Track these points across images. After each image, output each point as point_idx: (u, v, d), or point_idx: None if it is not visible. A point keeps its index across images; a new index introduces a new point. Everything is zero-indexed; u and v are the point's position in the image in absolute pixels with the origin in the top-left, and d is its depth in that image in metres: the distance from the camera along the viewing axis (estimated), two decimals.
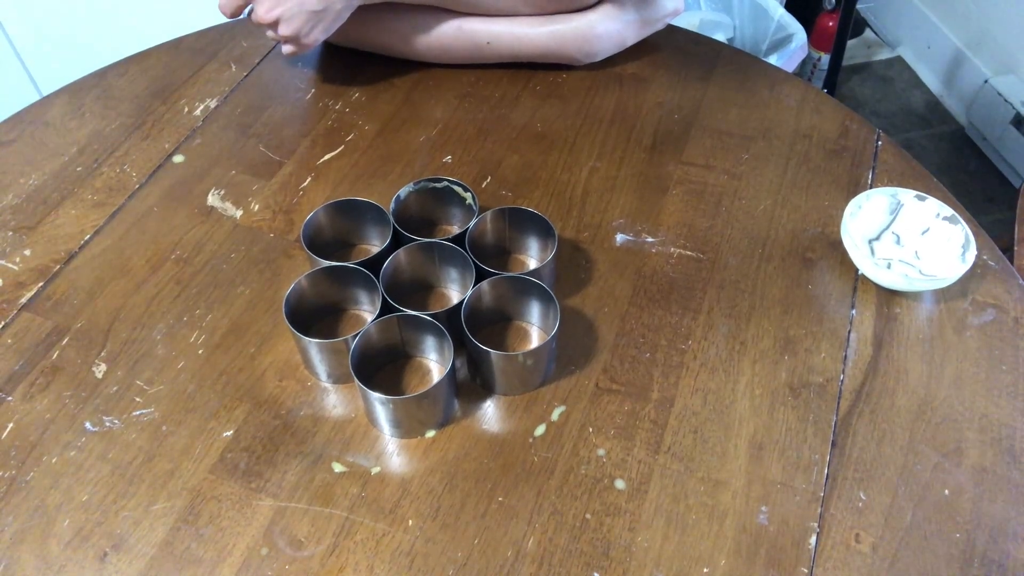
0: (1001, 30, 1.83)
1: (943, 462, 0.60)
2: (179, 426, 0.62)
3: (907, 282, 0.67)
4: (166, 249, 0.73)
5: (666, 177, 0.79)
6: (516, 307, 0.67)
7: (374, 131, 0.84)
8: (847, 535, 0.57)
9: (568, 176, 0.80)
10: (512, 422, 0.62)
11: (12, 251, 0.73)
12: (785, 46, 1.71)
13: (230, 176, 0.80)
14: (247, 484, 0.59)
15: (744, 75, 0.90)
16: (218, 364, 0.65)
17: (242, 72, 0.90)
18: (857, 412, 0.63)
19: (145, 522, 0.57)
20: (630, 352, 0.66)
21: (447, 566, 0.55)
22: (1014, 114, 1.76)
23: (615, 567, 0.55)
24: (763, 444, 0.61)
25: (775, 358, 0.66)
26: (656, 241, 0.74)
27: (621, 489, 0.59)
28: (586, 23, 0.85)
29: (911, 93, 2.05)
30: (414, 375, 0.65)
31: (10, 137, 0.83)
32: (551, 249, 0.67)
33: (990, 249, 0.73)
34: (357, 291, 0.67)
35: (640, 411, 0.63)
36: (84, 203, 0.77)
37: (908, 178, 0.79)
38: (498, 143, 0.83)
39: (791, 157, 0.81)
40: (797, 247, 0.73)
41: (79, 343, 0.67)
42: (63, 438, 0.61)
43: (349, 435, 0.62)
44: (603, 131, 0.84)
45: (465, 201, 0.72)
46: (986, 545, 0.56)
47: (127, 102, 0.87)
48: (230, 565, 0.55)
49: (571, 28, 0.86)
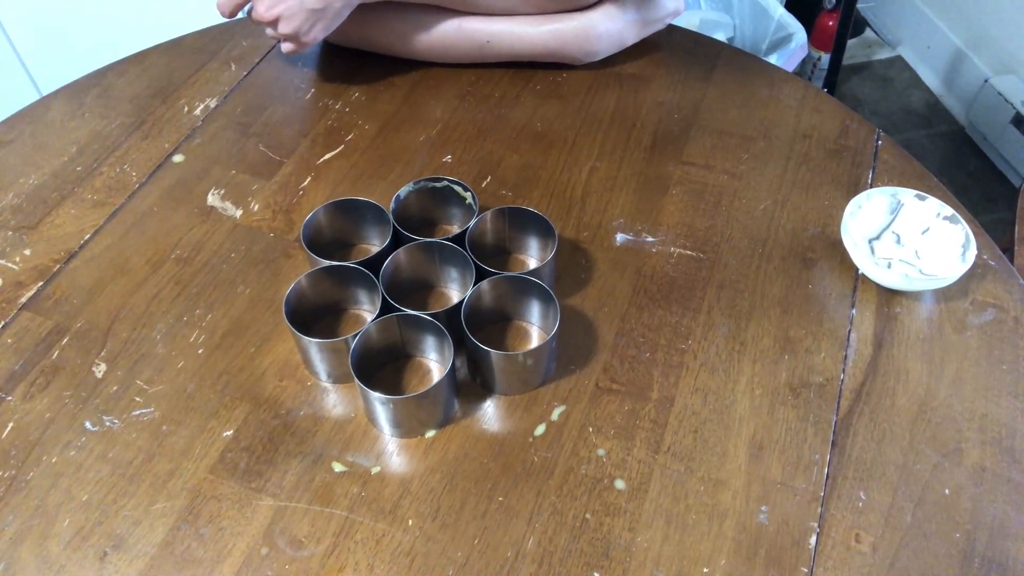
0: (1001, 30, 1.83)
1: (943, 462, 0.60)
2: (179, 426, 0.62)
3: (907, 282, 0.67)
4: (166, 249, 0.73)
5: (666, 177, 0.79)
6: (516, 307, 0.67)
7: (374, 131, 0.84)
8: (847, 535, 0.57)
9: (568, 176, 0.80)
10: (512, 422, 0.62)
11: (12, 251, 0.73)
12: (785, 45, 1.71)
13: (230, 176, 0.80)
14: (247, 484, 0.59)
15: (744, 75, 0.90)
16: (218, 364, 0.65)
17: (242, 72, 0.90)
18: (857, 412, 0.63)
19: (145, 522, 0.57)
20: (630, 352, 0.66)
21: (447, 566, 0.55)
22: (1014, 114, 1.76)
23: (615, 567, 0.55)
24: (763, 444, 0.61)
25: (775, 358, 0.66)
26: (656, 241, 0.74)
27: (621, 489, 0.59)
28: (587, 22, 0.85)
29: (911, 93, 2.05)
30: (414, 375, 0.65)
31: (10, 137, 0.83)
32: (551, 249, 0.67)
33: (990, 249, 0.73)
34: (357, 291, 0.67)
35: (640, 411, 0.63)
36: (84, 203, 0.77)
37: (908, 178, 0.79)
38: (498, 143, 0.83)
39: (791, 157, 0.81)
40: (797, 247, 0.73)
41: (79, 343, 0.67)
42: (63, 438, 0.61)
43: (349, 435, 0.62)
44: (603, 131, 0.84)
45: (465, 201, 0.72)
46: (986, 545, 0.56)
47: (127, 102, 0.87)
48: (230, 565, 0.55)
49: (571, 27, 0.86)
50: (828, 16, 1.89)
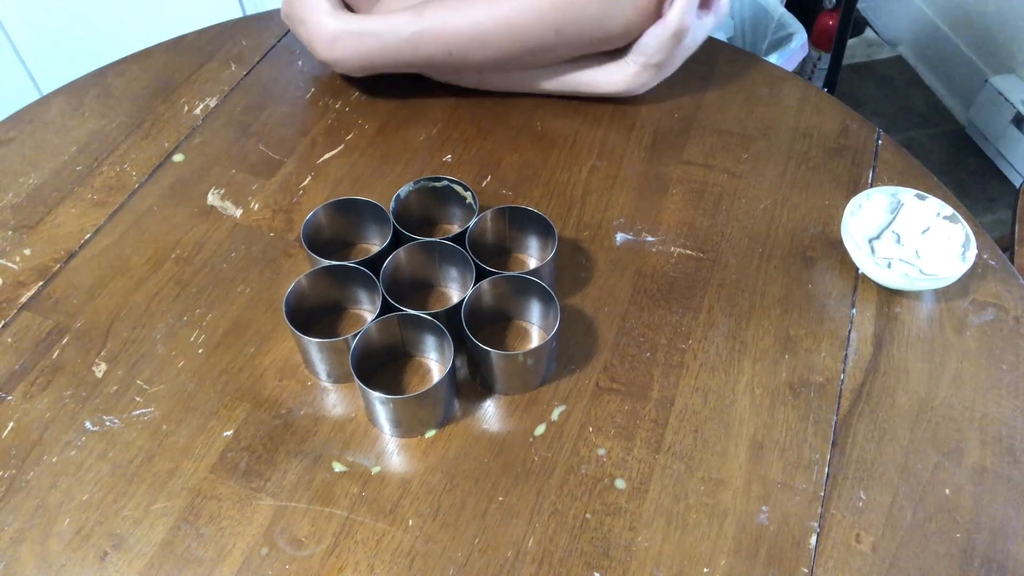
0: (1002, 29, 1.83)
1: (943, 462, 0.60)
2: (179, 425, 0.62)
3: (907, 281, 0.67)
4: (166, 248, 0.73)
5: (666, 176, 0.79)
6: (516, 306, 0.67)
7: (374, 130, 0.84)
8: (847, 535, 0.57)
9: (568, 175, 0.80)
10: (512, 421, 0.62)
11: (12, 250, 0.73)
12: (785, 45, 1.71)
13: (230, 175, 0.80)
14: (247, 483, 0.59)
15: (744, 74, 0.90)
16: (218, 363, 0.65)
17: (242, 71, 0.90)
18: (857, 412, 0.63)
19: (145, 522, 0.57)
20: (630, 351, 0.66)
21: (447, 566, 0.55)
22: (1014, 113, 1.76)
23: (615, 567, 0.55)
24: (763, 443, 0.61)
25: (775, 357, 0.66)
26: (656, 240, 0.74)
27: (621, 489, 0.59)
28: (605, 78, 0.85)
29: (911, 92, 2.05)
30: (414, 375, 0.65)
31: (10, 136, 0.83)
32: (551, 248, 0.67)
33: (990, 248, 0.73)
34: (357, 290, 0.67)
35: (640, 410, 0.63)
36: (84, 202, 0.77)
37: (908, 177, 0.79)
38: (498, 142, 0.83)
39: (791, 156, 0.81)
40: (797, 246, 0.73)
41: (79, 342, 0.67)
42: (63, 437, 0.61)
43: (349, 434, 0.62)
44: (603, 130, 0.84)
45: (465, 200, 0.72)
46: (986, 545, 0.56)
47: (127, 101, 0.87)
48: (230, 565, 0.55)
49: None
50: (828, 15, 1.89)
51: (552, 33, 0.77)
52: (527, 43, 0.78)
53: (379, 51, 0.79)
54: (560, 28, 0.77)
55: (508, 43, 0.78)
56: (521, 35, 0.77)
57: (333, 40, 0.79)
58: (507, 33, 0.77)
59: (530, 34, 0.77)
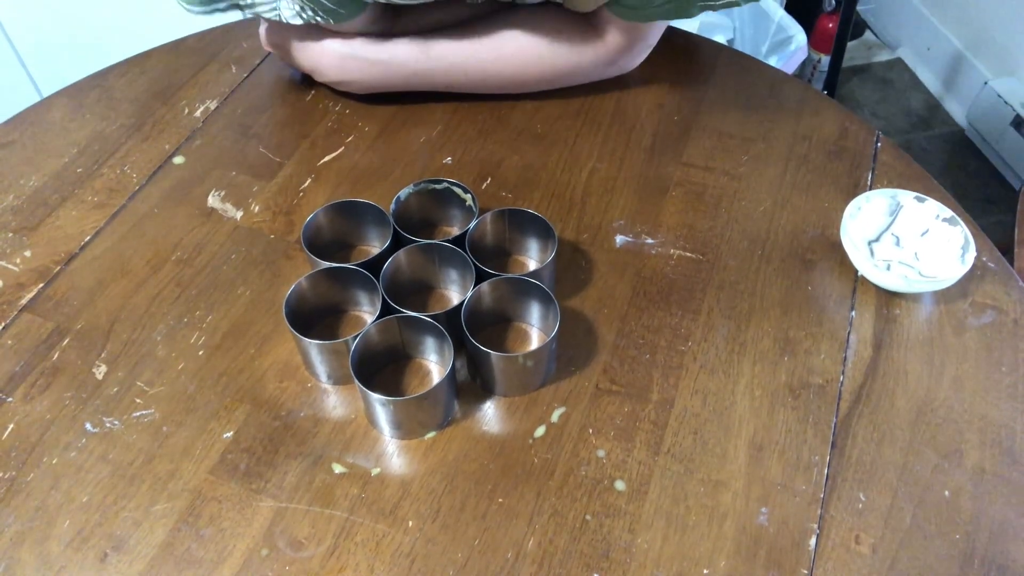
0: (1001, 31, 1.83)
1: (943, 463, 0.60)
2: (179, 427, 0.62)
3: (907, 283, 0.67)
4: (166, 250, 0.73)
5: (666, 178, 0.79)
6: (516, 308, 0.67)
7: (374, 132, 0.84)
8: (847, 536, 0.57)
9: (568, 177, 0.80)
10: (512, 423, 0.62)
11: (12, 252, 0.73)
12: (785, 48, 1.71)
13: (230, 177, 0.80)
14: (247, 485, 0.59)
15: (744, 77, 0.90)
16: (218, 365, 0.66)
17: (242, 73, 0.90)
18: (857, 413, 0.63)
19: (145, 523, 0.57)
20: (630, 353, 0.66)
21: (447, 567, 0.55)
22: (1014, 116, 1.77)
23: (615, 568, 0.55)
24: (763, 445, 0.61)
25: (775, 359, 0.66)
26: (656, 242, 0.74)
27: (621, 490, 0.59)
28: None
29: (911, 95, 2.05)
30: (414, 376, 0.65)
31: (10, 138, 0.83)
32: (551, 250, 0.67)
33: (990, 251, 0.73)
34: (357, 292, 0.67)
35: (640, 412, 0.63)
36: (84, 204, 0.77)
37: (908, 179, 0.79)
38: (498, 144, 0.83)
39: (791, 158, 0.81)
40: (797, 248, 0.73)
41: (79, 344, 0.67)
42: (63, 439, 0.61)
43: (349, 436, 0.62)
44: (603, 132, 0.84)
45: (465, 202, 0.72)
46: (986, 546, 0.56)
47: (127, 103, 0.87)
48: (230, 566, 0.55)
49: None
50: (828, 18, 1.90)
51: (550, 69, 0.84)
52: (528, 82, 0.85)
53: (383, 77, 0.83)
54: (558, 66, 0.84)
55: (510, 80, 0.84)
56: (524, 75, 0.84)
57: (341, 62, 0.81)
58: (510, 74, 0.84)
59: (532, 73, 0.84)
